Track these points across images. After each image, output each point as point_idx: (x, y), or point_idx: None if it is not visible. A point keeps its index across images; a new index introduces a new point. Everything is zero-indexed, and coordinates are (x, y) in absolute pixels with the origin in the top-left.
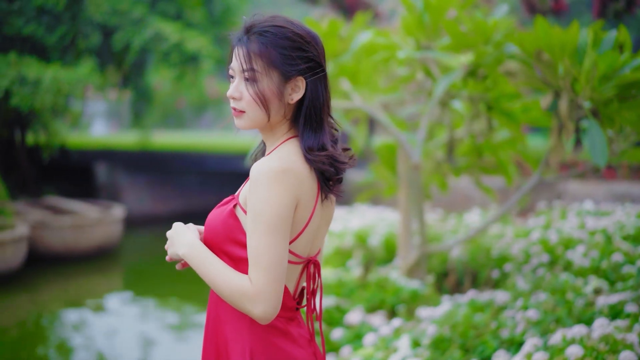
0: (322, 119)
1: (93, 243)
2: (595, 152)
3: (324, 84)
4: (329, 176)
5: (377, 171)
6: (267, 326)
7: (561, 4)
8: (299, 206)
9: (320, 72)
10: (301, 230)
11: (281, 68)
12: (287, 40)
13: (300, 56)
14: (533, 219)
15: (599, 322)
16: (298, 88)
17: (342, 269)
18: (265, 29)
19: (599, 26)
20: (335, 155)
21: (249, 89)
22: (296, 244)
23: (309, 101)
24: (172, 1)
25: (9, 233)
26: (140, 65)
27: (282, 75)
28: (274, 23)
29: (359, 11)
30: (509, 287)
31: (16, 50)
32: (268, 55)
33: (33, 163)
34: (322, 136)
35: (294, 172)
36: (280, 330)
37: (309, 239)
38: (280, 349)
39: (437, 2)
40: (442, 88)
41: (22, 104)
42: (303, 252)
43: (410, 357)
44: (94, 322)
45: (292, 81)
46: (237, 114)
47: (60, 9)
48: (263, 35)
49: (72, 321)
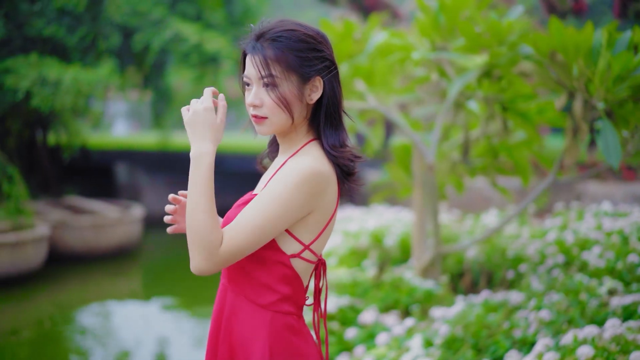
0: (340, 115)
1: (113, 243)
2: (608, 153)
3: (338, 81)
4: (348, 171)
5: (392, 171)
6: (285, 324)
7: (581, 4)
8: (320, 208)
9: (334, 70)
10: (323, 228)
11: (299, 70)
12: (301, 42)
13: (315, 56)
14: (550, 219)
15: (610, 322)
16: (316, 88)
17: (357, 269)
18: (277, 34)
19: (614, 27)
20: (354, 154)
21: (270, 95)
22: (317, 244)
23: (327, 99)
24: (192, 2)
25: (30, 233)
26: (160, 66)
27: (300, 77)
28: (284, 27)
29: (378, 12)
30: (523, 287)
31: (37, 51)
32: (285, 60)
33: (54, 163)
34: (342, 133)
35: (325, 175)
36: (294, 328)
37: (326, 239)
38: (296, 346)
39: (452, 3)
40: (456, 89)
41: (43, 104)
42: (319, 252)
43: (422, 356)
44: (113, 321)
45: (311, 82)
46: (258, 121)
47: (81, 10)
48: (277, 40)
49: (92, 320)
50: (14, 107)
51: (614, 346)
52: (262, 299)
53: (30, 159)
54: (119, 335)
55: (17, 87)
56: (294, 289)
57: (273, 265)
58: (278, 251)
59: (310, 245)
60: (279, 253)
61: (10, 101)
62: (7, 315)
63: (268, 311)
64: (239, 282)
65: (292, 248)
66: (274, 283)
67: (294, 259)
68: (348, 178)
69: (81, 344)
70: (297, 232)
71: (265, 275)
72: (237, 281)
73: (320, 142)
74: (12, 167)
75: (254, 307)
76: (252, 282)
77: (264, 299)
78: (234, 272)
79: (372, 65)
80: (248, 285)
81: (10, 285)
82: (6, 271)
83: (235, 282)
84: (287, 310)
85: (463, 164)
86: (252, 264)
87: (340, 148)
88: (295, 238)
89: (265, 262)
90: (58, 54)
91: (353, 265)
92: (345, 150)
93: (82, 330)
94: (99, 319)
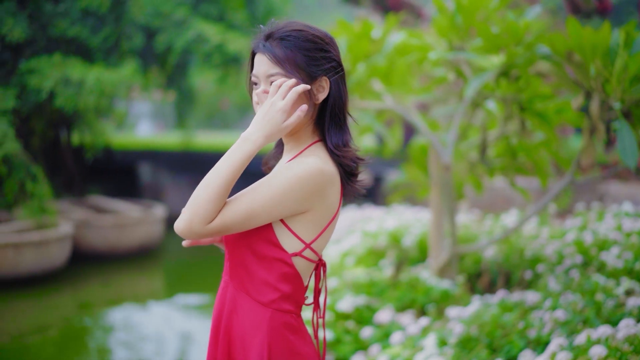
0: (345, 116)
1: (134, 242)
2: (625, 153)
3: (344, 83)
4: (350, 171)
5: (409, 171)
6: (284, 322)
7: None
8: (321, 207)
9: (341, 71)
10: (324, 228)
11: (307, 69)
12: (309, 42)
13: (323, 56)
14: (570, 220)
15: (624, 322)
16: (322, 88)
17: (374, 269)
18: (286, 34)
19: (632, 27)
20: (356, 155)
21: None
22: (318, 243)
23: (333, 99)
24: (215, 3)
25: (54, 231)
26: (183, 67)
27: (307, 76)
28: (293, 27)
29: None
30: (540, 288)
31: (61, 51)
32: (293, 58)
33: (78, 163)
34: (346, 133)
35: (328, 175)
36: (293, 327)
37: (327, 239)
38: (294, 345)
39: (469, 4)
40: (472, 89)
41: (66, 104)
42: (320, 252)
43: (436, 355)
44: (136, 320)
45: (317, 81)
46: None
47: (105, 11)
48: (285, 39)
49: (115, 319)
50: (37, 107)
51: (627, 346)
52: (263, 296)
53: (55, 158)
54: (142, 334)
55: (40, 87)
56: (294, 288)
57: (274, 262)
58: (279, 249)
59: (311, 244)
60: (281, 251)
61: (34, 101)
62: (32, 313)
63: (268, 309)
64: (241, 278)
65: (294, 246)
66: (275, 281)
67: (295, 257)
68: (351, 179)
69: (105, 342)
70: (299, 230)
71: (266, 273)
72: (238, 278)
73: (325, 143)
74: (36, 167)
75: (254, 304)
76: (253, 279)
77: (264, 296)
78: (236, 268)
79: (390, 65)
80: (249, 282)
81: (35, 284)
82: (31, 270)
83: (236, 278)
84: (287, 309)
85: (481, 164)
86: (253, 261)
87: (343, 148)
88: (296, 236)
89: (266, 260)
90: (81, 55)
91: (371, 265)
92: (348, 150)
93: (105, 328)
94: (121, 317)
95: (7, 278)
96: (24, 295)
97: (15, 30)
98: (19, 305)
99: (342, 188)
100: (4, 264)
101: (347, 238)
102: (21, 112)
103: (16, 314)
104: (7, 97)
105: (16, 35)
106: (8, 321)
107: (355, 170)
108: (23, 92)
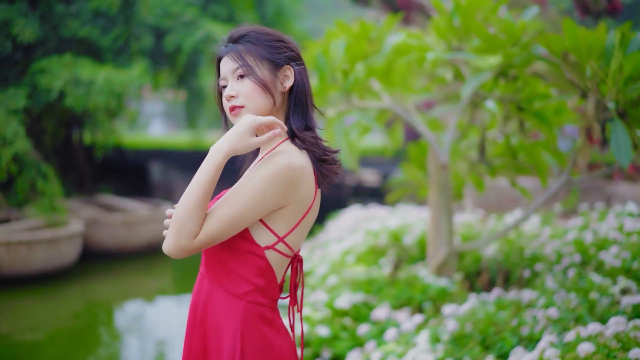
0: (307, 104)
1: (143, 240)
2: (619, 153)
3: (307, 76)
4: (319, 157)
5: (407, 171)
6: (258, 313)
7: (615, 4)
8: (295, 201)
9: (302, 64)
10: (298, 221)
11: (270, 57)
12: (267, 35)
13: (283, 46)
14: (573, 219)
15: (614, 320)
16: (287, 77)
17: (374, 267)
18: (245, 33)
19: (628, 27)
20: (319, 137)
21: (246, 82)
22: (292, 236)
23: (297, 86)
24: (224, 3)
25: (64, 229)
26: (193, 67)
27: (272, 64)
28: (250, 28)
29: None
30: (537, 286)
31: (72, 52)
32: (256, 50)
33: (90, 162)
34: (309, 119)
35: (299, 168)
36: (267, 319)
37: (302, 234)
38: (268, 337)
39: (467, 4)
40: (469, 89)
41: (76, 104)
42: (295, 246)
43: (428, 351)
44: (145, 317)
45: (282, 70)
46: (236, 112)
47: (115, 12)
48: (245, 36)
49: (124, 316)
50: (48, 107)
51: (615, 343)
52: (237, 288)
53: (66, 157)
54: (151, 331)
55: (50, 87)
56: (267, 281)
57: (247, 256)
58: (252, 242)
59: (285, 238)
60: (253, 244)
61: (44, 101)
62: (43, 310)
63: (242, 301)
64: (216, 271)
65: (266, 240)
66: (248, 274)
67: (268, 251)
68: (323, 166)
69: (114, 339)
70: (272, 223)
71: (239, 266)
72: (213, 270)
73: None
74: (47, 166)
75: (228, 296)
76: (227, 271)
77: (238, 289)
78: (211, 261)
79: (389, 65)
80: (224, 274)
81: (46, 281)
82: (42, 267)
83: (212, 270)
84: (261, 302)
85: (481, 164)
86: (227, 254)
87: (306, 132)
88: (269, 229)
89: (239, 253)
90: (92, 55)
91: (371, 263)
92: (307, 133)
93: (115, 325)
94: (131, 315)
95: (20, 275)
96: (35, 292)
97: (26, 31)
98: (31, 301)
99: (316, 182)
100: (17, 261)
101: (349, 237)
102: (32, 112)
103: (29, 310)
104: (18, 96)
105: (27, 35)
106: (20, 317)
107: (323, 156)
108: (34, 92)
